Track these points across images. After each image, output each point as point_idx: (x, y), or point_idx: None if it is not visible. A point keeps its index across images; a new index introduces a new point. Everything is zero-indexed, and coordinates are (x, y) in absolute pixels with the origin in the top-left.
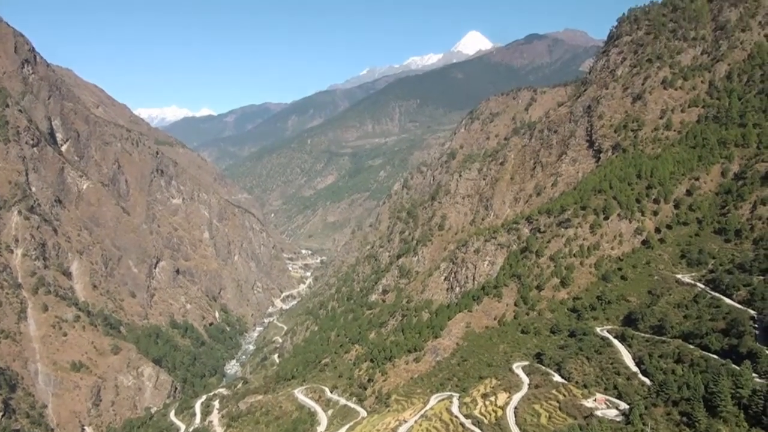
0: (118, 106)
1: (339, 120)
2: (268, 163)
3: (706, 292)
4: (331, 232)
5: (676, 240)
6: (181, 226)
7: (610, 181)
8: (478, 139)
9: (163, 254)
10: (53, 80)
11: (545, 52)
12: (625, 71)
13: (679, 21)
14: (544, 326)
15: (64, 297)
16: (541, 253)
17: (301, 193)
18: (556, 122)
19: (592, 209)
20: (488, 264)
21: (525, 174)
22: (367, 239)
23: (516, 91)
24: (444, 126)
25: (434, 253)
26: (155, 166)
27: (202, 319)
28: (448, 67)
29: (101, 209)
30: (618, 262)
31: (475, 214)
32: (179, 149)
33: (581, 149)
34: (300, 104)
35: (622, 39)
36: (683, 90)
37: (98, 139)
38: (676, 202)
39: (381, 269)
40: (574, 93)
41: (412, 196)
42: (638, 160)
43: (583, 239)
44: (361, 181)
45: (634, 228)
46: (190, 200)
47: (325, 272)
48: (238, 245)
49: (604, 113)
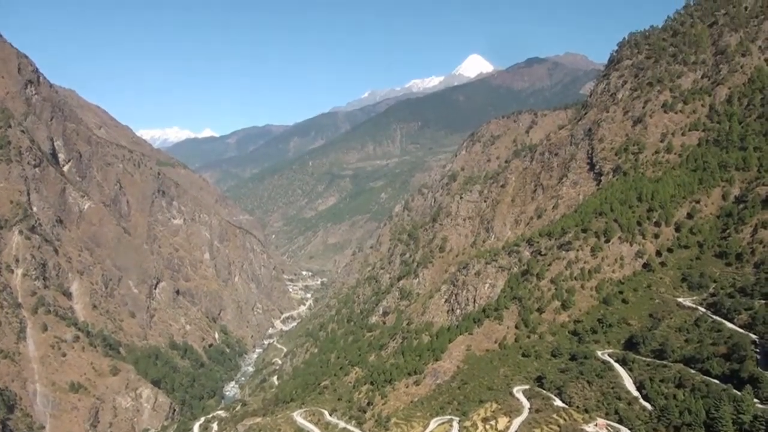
0: (120, 128)
1: (340, 142)
2: (270, 184)
3: (708, 316)
4: (331, 253)
5: (677, 263)
6: (182, 246)
7: (611, 204)
8: (479, 161)
9: (163, 275)
10: (56, 101)
11: (546, 76)
12: (626, 94)
13: (680, 45)
14: (545, 349)
15: (63, 317)
16: (542, 276)
17: (303, 215)
18: (556, 145)
19: (593, 232)
20: (489, 286)
21: (526, 196)
22: (368, 261)
23: (517, 114)
24: (445, 148)
25: (435, 275)
26: (157, 187)
27: (201, 340)
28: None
29: (102, 229)
30: (619, 285)
31: (476, 236)
32: (181, 170)
33: (582, 172)
34: (302, 126)
35: (623, 63)
36: (684, 113)
37: (100, 159)
38: (677, 225)
39: (381, 291)
40: (574, 116)
41: (413, 217)
42: (639, 183)
43: (584, 262)
44: (362, 202)
45: (635, 251)
46: (191, 221)
47: (326, 294)
48: (239, 266)
49: (605, 136)
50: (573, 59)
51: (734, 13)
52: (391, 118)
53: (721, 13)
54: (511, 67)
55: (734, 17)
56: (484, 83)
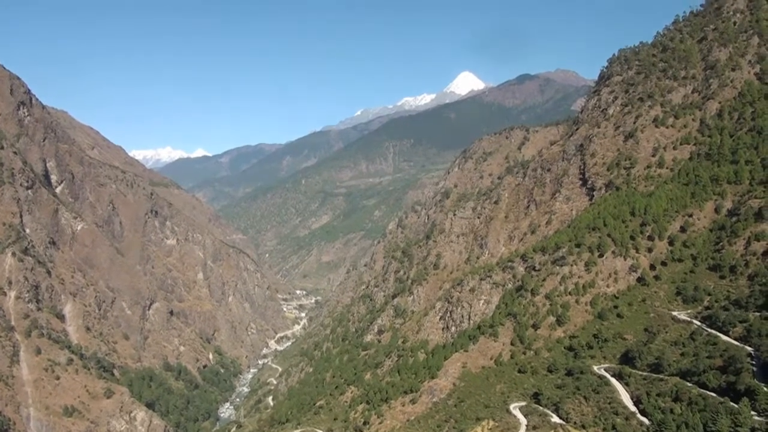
0: (113, 148)
1: (333, 160)
2: (263, 203)
3: (703, 329)
4: (325, 272)
5: (672, 277)
6: (176, 267)
7: (604, 219)
8: (472, 178)
9: (156, 296)
10: (48, 122)
11: (537, 92)
12: (617, 110)
13: (669, 61)
14: (541, 365)
15: (57, 340)
16: (536, 292)
17: (296, 233)
18: (549, 161)
19: (587, 247)
20: (484, 303)
21: (519, 212)
22: (362, 279)
23: (509, 131)
24: (438, 165)
25: (429, 292)
26: (150, 208)
27: (195, 361)
28: (441, 107)
29: (95, 251)
30: (614, 300)
31: (469, 252)
32: (174, 190)
33: (574, 187)
34: (294, 145)
35: (613, 79)
36: (675, 128)
37: (93, 180)
38: (670, 238)
39: (376, 309)
40: (566, 132)
41: (407, 235)
42: (631, 197)
43: (579, 277)
44: (356, 220)
45: (629, 265)
46: (185, 241)
47: (320, 313)
48: (233, 286)
49: (597, 151)
50: (564, 75)
51: (723, 28)
52: (383, 136)
53: (710, 28)
54: (503, 83)
55: (723, 32)
56: (476, 100)
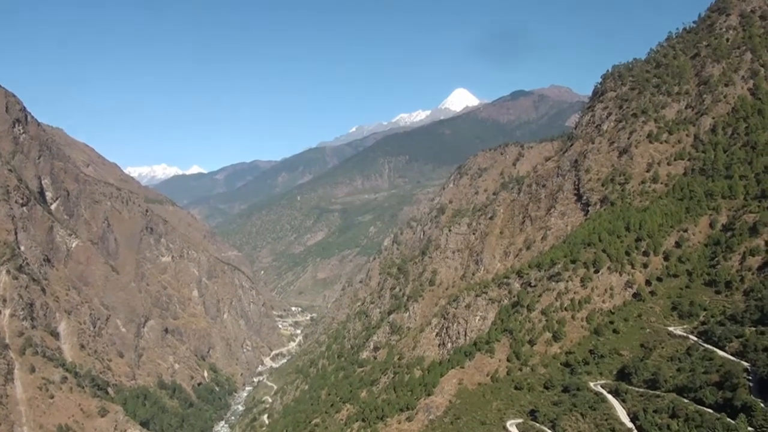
0: (108, 165)
1: (328, 177)
2: (258, 220)
3: (699, 344)
4: (321, 288)
5: (667, 292)
6: (170, 284)
7: (599, 234)
8: (467, 194)
9: (151, 313)
10: (44, 139)
11: (531, 108)
12: (611, 126)
13: (663, 77)
14: (538, 382)
15: (51, 358)
16: (532, 308)
17: (291, 250)
18: (543, 176)
19: (582, 263)
20: (480, 319)
21: (514, 228)
22: (358, 295)
23: (503, 147)
24: (433, 181)
25: (425, 308)
26: (145, 225)
27: (190, 379)
28: (436, 123)
29: (90, 268)
30: (609, 316)
31: (465, 268)
32: (169, 207)
33: (569, 203)
34: (289, 161)
35: (607, 95)
36: (669, 143)
37: (88, 197)
38: (665, 254)
39: (372, 326)
40: (560, 148)
41: (403, 251)
42: (626, 212)
43: (574, 293)
44: (351, 237)
45: (625, 281)
46: (180, 258)
47: (315, 329)
48: (228, 303)
49: (591, 167)
50: (558, 92)
51: (716, 44)
52: (378, 152)
53: (703, 45)
54: (497, 100)
55: (716, 49)
56: (471, 117)
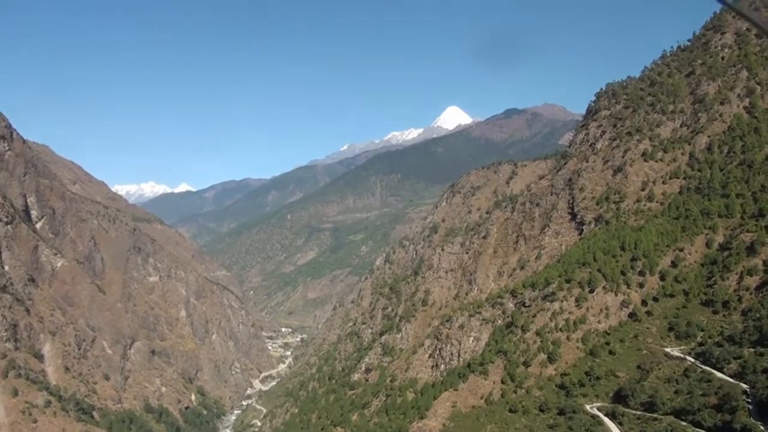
0: (95, 183)
1: (319, 195)
2: (248, 239)
3: (697, 365)
4: (311, 309)
5: (664, 312)
6: (158, 304)
7: (593, 254)
8: (460, 212)
9: (138, 334)
10: (29, 157)
11: (524, 126)
12: (605, 144)
13: (658, 95)
14: (533, 404)
15: (35, 381)
16: (526, 328)
17: (281, 270)
18: (537, 195)
19: (577, 282)
20: (473, 340)
21: (508, 247)
22: (349, 316)
23: (497, 165)
24: (425, 200)
25: (418, 329)
26: (132, 244)
27: (177, 402)
28: (428, 141)
29: (75, 288)
30: (605, 336)
31: (458, 288)
32: (157, 226)
33: (564, 222)
34: (280, 180)
35: (601, 113)
36: (664, 162)
37: (74, 216)
38: (661, 273)
39: (363, 347)
40: (554, 166)
41: (395, 271)
42: (621, 232)
43: (569, 313)
44: (343, 256)
45: (620, 301)
46: (167, 278)
47: (306, 351)
48: (216, 324)
49: (586, 186)
50: (551, 110)
51: (711, 62)
52: (370, 170)
53: (698, 63)
54: (490, 118)
55: (711, 67)
56: (463, 135)
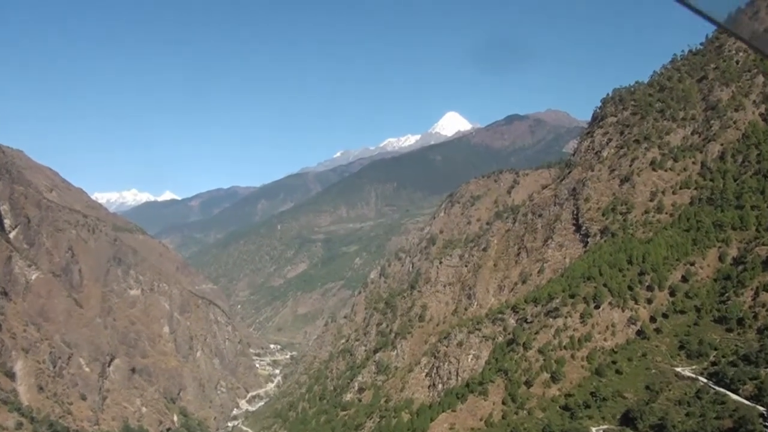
0: (73, 191)
1: (311, 204)
2: (235, 250)
3: (709, 386)
4: (302, 324)
5: (674, 330)
6: (139, 319)
7: (599, 267)
8: (459, 223)
9: (118, 351)
10: (3, 162)
11: (527, 133)
12: (611, 152)
13: (667, 101)
14: (535, 427)
15: (6, 401)
16: (528, 346)
17: (270, 283)
18: (540, 205)
19: (582, 297)
20: (473, 358)
21: (509, 260)
22: (342, 332)
23: (497, 174)
24: (423, 210)
25: (414, 346)
26: (112, 255)
27: (159, 423)
28: (426, 148)
29: (51, 302)
30: (612, 355)
31: (457, 303)
32: (139, 236)
33: (568, 234)
34: (270, 188)
35: (607, 120)
36: (674, 171)
37: (50, 225)
38: (671, 289)
39: (356, 365)
40: (558, 175)
41: (390, 284)
42: (628, 244)
43: (574, 330)
44: (335, 269)
45: (628, 317)
46: (150, 291)
47: (296, 369)
48: (201, 340)
49: (591, 196)
50: (555, 116)
51: (725, 67)
52: (364, 178)
53: (711, 67)
54: (491, 124)
55: (725, 72)
56: (463, 142)
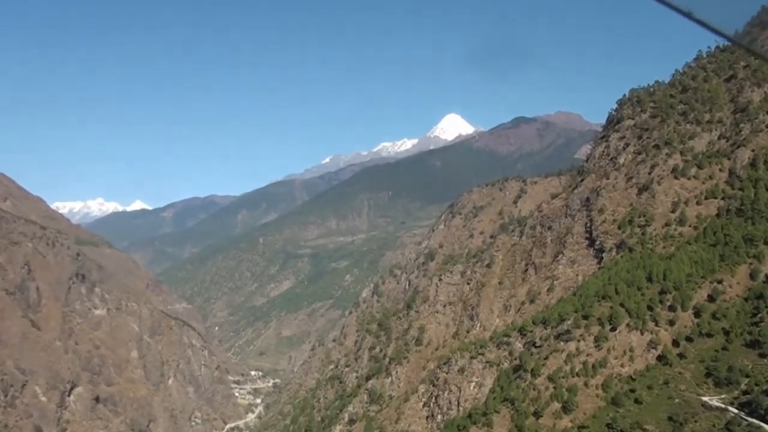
0: (31, 199)
1: (297, 215)
2: (213, 266)
3: (741, 418)
4: (286, 348)
5: (699, 355)
6: (105, 343)
7: (615, 286)
8: (460, 236)
9: (79, 378)
10: None
11: (535, 137)
12: (629, 159)
13: (691, 102)
14: None
15: None
16: (537, 372)
17: (252, 302)
18: (550, 217)
19: (596, 319)
20: (475, 386)
21: (516, 278)
22: (330, 357)
23: (503, 182)
24: (420, 222)
25: (411, 373)
26: (75, 271)
27: None
28: (424, 153)
29: (4, 323)
30: (630, 382)
31: (458, 325)
32: (105, 250)
33: (580, 248)
34: (251, 197)
35: (624, 123)
36: (698, 179)
37: (4, 238)
38: (696, 309)
39: (347, 394)
40: (569, 183)
41: (384, 304)
42: (648, 260)
43: (587, 355)
44: (323, 287)
45: (647, 341)
46: (117, 311)
47: (279, 398)
48: (174, 366)
49: (606, 206)
50: (566, 118)
51: (756, 65)
52: (356, 187)
53: (741, 65)
54: (495, 127)
55: (756, 70)
56: (464, 146)
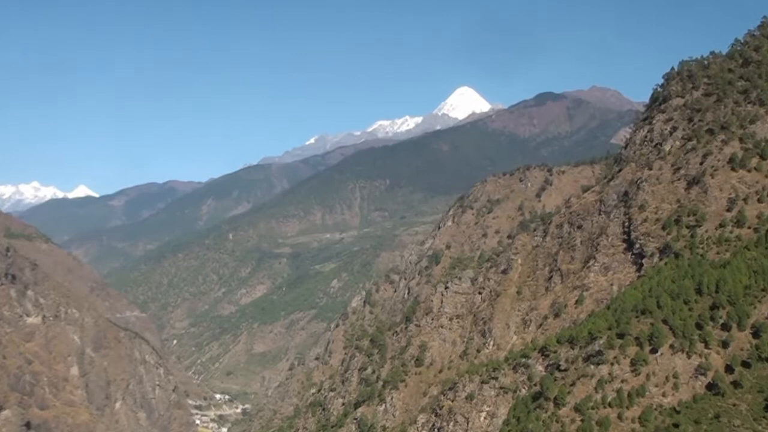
0: None
1: (274, 207)
2: (172, 266)
3: None
4: (259, 367)
5: (758, 383)
6: (38, 357)
7: (658, 298)
8: (471, 236)
9: (7, 400)
10: None
11: (563, 118)
12: (676, 145)
13: (753, 78)
14: None
15: None
16: (561, 402)
17: (218, 311)
18: (580, 214)
19: (634, 338)
20: (486, 416)
21: (538, 287)
22: (312, 379)
23: (524, 171)
24: (423, 217)
25: (409, 399)
26: (3, 270)
27: None
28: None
29: None
30: (673, 415)
31: (467, 342)
32: (41, 245)
33: (616, 253)
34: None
35: (671, 102)
36: (760, 172)
37: None
38: (754, 328)
39: (331, 424)
40: (604, 174)
41: (378, 316)
42: (697, 268)
43: (622, 381)
44: (305, 293)
45: (695, 365)
46: (54, 319)
47: (249, 428)
48: (122, 386)
49: (648, 203)
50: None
51: None
52: (347, 173)
53: None
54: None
55: None
56: (478, 127)
